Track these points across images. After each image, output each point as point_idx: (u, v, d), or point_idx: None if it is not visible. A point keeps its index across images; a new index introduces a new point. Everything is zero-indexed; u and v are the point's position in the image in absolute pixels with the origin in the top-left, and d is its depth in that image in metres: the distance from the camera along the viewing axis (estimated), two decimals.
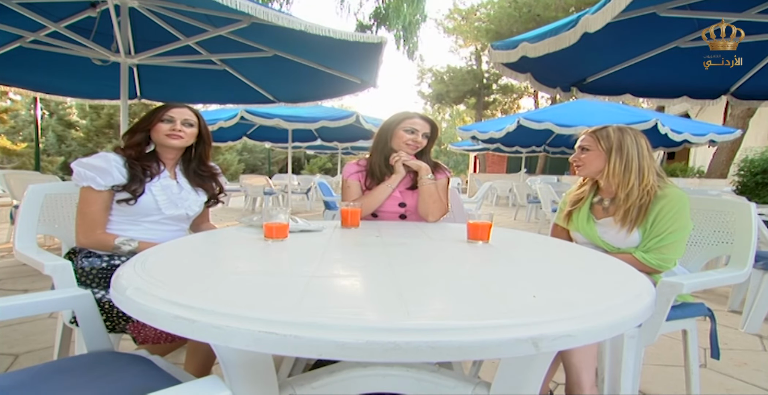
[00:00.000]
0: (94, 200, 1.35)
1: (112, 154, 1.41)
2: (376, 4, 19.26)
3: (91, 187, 1.33)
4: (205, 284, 0.73)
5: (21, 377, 0.85)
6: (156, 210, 1.43)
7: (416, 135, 1.72)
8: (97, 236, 1.34)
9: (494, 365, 1.24)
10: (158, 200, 1.42)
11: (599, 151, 1.47)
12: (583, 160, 1.51)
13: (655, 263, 1.37)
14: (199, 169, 1.59)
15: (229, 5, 2.15)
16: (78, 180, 1.35)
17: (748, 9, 2.55)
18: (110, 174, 1.35)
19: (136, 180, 1.39)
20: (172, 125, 1.46)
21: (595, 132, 1.50)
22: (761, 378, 1.82)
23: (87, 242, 1.35)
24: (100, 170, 1.34)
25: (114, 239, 1.34)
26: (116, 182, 1.36)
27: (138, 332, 1.17)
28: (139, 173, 1.41)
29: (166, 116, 1.45)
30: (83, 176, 1.34)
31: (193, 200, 1.53)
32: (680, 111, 12.38)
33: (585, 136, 1.53)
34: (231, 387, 0.62)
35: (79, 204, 1.37)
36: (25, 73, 4.04)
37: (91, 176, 1.33)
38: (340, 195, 1.94)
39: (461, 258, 1.05)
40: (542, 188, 5.18)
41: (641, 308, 0.68)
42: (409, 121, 1.74)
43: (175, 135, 1.46)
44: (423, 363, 0.85)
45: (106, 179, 1.34)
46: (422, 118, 1.76)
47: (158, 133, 1.45)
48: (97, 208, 1.35)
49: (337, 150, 12.43)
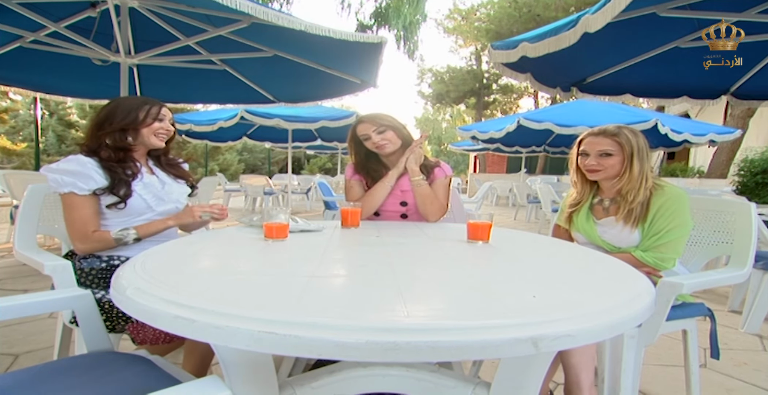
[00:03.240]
0: (80, 204, 1.28)
1: (81, 156, 1.32)
2: (377, 4, 19.27)
3: (74, 192, 1.27)
4: (205, 284, 0.73)
5: (21, 377, 0.85)
6: (147, 208, 1.40)
7: (369, 141, 1.72)
8: (94, 236, 1.29)
9: (494, 365, 1.24)
10: (147, 199, 1.39)
11: (621, 156, 1.44)
12: (603, 164, 1.45)
13: (652, 262, 1.37)
14: (167, 161, 1.58)
15: (229, 5, 2.16)
16: (56, 187, 1.28)
17: (748, 9, 2.55)
18: (91, 178, 1.28)
19: (120, 183, 1.33)
20: (163, 124, 1.44)
21: (616, 137, 1.44)
22: (761, 378, 1.82)
23: (85, 247, 1.30)
24: (78, 174, 1.27)
25: (111, 234, 1.30)
26: (98, 185, 1.29)
27: (137, 332, 1.17)
28: (122, 175, 1.34)
29: (160, 115, 1.43)
30: (61, 182, 1.26)
31: (178, 192, 1.52)
32: (680, 111, 12.38)
33: (602, 139, 1.46)
34: (231, 387, 0.62)
35: (65, 212, 1.30)
36: (25, 73, 4.04)
37: (70, 182, 1.26)
38: (342, 195, 1.94)
39: (461, 258, 1.05)
40: (542, 188, 5.18)
41: (641, 308, 0.68)
42: (359, 130, 1.73)
43: (164, 135, 1.46)
44: (423, 363, 0.85)
45: (88, 183, 1.28)
46: (365, 121, 1.71)
47: (149, 131, 1.41)
48: (85, 212, 1.29)
49: (337, 150, 12.44)
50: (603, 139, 1.46)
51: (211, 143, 9.25)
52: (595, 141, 1.48)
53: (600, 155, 1.46)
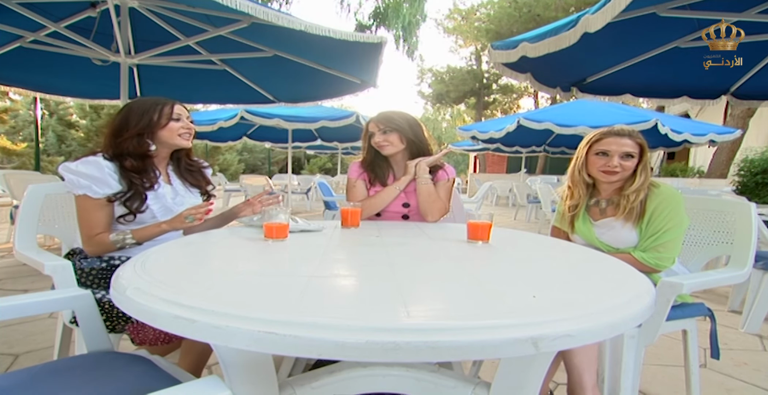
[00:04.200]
0: (92, 207, 1.28)
1: (102, 159, 1.30)
2: (376, 4, 19.29)
3: (88, 195, 1.27)
4: (205, 284, 0.73)
5: (21, 377, 0.85)
6: (152, 219, 1.37)
7: (373, 139, 1.73)
8: (95, 239, 1.28)
9: (494, 365, 1.24)
10: (154, 210, 1.36)
11: (639, 158, 1.44)
12: (624, 166, 1.43)
13: (653, 262, 1.37)
14: (188, 164, 1.53)
15: (229, 5, 2.16)
16: (72, 188, 1.28)
17: (748, 9, 2.56)
18: (106, 183, 1.27)
19: (136, 196, 1.31)
20: (182, 123, 1.39)
21: (638, 139, 1.44)
22: (761, 378, 1.82)
23: (88, 249, 1.30)
24: (95, 179, 1.26)
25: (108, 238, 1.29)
26: (113, 191, 1.29)
27: (136, 333, 1.17)
28: (139, 186, 1.32)
29: (174, 114, 1.38)
30: (77, 184, 1.26)
31: (189, 204, 1.47)
32: (680, 111, 12.38)
33: (627, 140, 1.43)
34: (231, 387, 0.62)
35: (77, 212, 1.30)
36: (25, 73, 4.04)
37: (86, 185, 1.26)
38: (344, 195, 1.93)
39: (461, 258, 1.05)
40: (542, 188, 5.17)
41: (641, 308, 0.68)
42: (369, 127, 1.76)
43: (187, 134, 1.40)
44: (423, 363, 0.85)
45: (103, 188, 1.27)
46: (375, 119, 1.74)
47: (170, 132, 1.37)
48: (95, 215, 1.28)
49: (337, 150, 12.43)
50: (628, 140, 1.44)
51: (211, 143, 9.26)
52: (620, 142, 1.44)
53: (623, 156, 1.43)
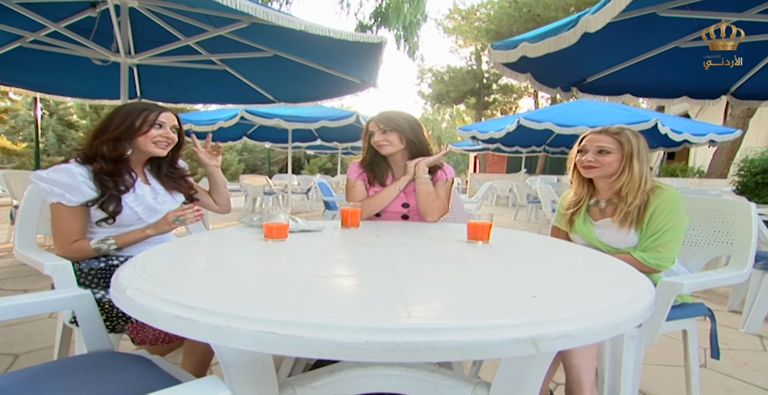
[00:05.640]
0: (66, 215, 1.26)
1: (74, 166, 1.28)
2: (376, 4, 19.30)
3: (62, 203, 1.25)
4: (205, 285, 0.73)
5: (21, 377, 0.85)
6: (137, 220, 1.36)
7: (372, 138, 1.75)
8: (73, 246, 1.27)
9: (494, 365, 1.24)
10: (137, 211, 1.35)
11: (620, 154, 1.44)
12: (600, 162, 1.45)
13: (653, 262, 1.37)
14: (169, 171, 1.52)
15: (229, 5, 2.16)
16: (45, 196, 1.26)
17: (748, 9, 2.56)
18: (79, 191, 1.25)
19: (110, 199, 1.29)
20: (162, 131, 1.38)
21: (617, 135, 1.45)
22: (761, 378, 1.82)
23: (65, 256, 1.27)
24: (68, 186, 1.24)
25: (90, 244, 1.28)
26: (87, 197, 1.27)
27: (137, 332, 1.17)
28: (113, 190, 1.30)
29: (158, 121, 1.37)
30: (50, 192, 1.24)
31: (171, 204, 1.46)
32: (680, 111, 12.38)
33: (603, 136, 1.47)
34: (231, 387, 0.62)
35: (52, 219, 1.28)
36: (25, 73, 4.04)
37: (59, 193, 1.24)
38: (343, 195, 1.93)
39: (461, 258, 1.05)
40: (542, 188, 5.17)
41: (641, 308, 0.68)
42: (369, 126, 1.77)
43: (164, 142, 1.39)
44: (423, 363, 0.85)
45: (76, 195, 1.25)
46: (376, 118, 1.75)
47: (146, 139, 1.36)
48: (70, 222, 1.27)
49: (337, 150, 12.43)
50: (603, 136, 1.47)
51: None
52: (596, 138, 1.48)
53: (598, 151, 1.46)
